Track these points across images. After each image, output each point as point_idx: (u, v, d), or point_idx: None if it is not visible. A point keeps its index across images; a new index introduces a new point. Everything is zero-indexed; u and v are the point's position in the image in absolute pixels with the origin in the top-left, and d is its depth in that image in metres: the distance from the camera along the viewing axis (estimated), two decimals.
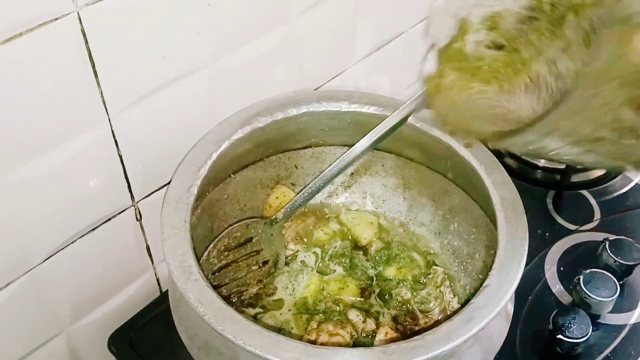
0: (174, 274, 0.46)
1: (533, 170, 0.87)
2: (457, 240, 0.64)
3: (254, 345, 0.42)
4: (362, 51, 0.82)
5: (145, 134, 0.61)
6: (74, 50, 0.51)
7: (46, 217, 0.57)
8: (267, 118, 0.59)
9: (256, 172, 0.66)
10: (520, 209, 0.51)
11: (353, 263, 0.64)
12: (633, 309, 0.70)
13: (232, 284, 0.59)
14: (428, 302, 0.60)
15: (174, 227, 0.50)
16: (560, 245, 0.76)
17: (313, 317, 0.58)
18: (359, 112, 0.61)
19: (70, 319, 0.66)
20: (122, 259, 0.68)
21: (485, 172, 0.54)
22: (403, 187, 0.68)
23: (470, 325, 0.43)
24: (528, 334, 0.68)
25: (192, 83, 0.62)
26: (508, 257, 0.48)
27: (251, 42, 0.65)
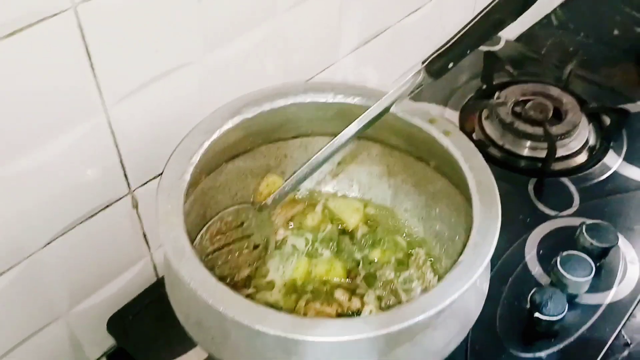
0: (169, 254, 0.49)
1: (515, 158, 0.90)
2: (440, 224, 0.67)
3: (244, 317, 0.45)
4: (349, 45, 0.85)
5: (140, 125, 0.64)
6: (72, 44, 0.53)
7: (45, 205, 0.60)
8: (255, 109, 0.62)
9: (247, 162, 0.68)
10: (495, 192, 0.54)
11: (340, 247, 0.67)
12: (609, 289, 0.73)
13: (225, 267, 0.62)
14: (410, 282, 0.63)
15: (168, 212, 0.52)
16: (540, 230, 0.79)
17: (301, 297, 0.61)
18: (344, 102, 0.64)
19: (69, 304, 0.69)
20: (120, 245, 0.71)
21: (463, 157, 0.57)
22: (388, 175, 0.71)
23: (444, 297, 0.46)
24: (508, 313, 0.71)
25: (184, 76, 0.65)
26: (481, 235, 0.51)
27: (240, 36, 0.68)
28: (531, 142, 0.89)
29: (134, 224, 0.70)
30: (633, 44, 1.22)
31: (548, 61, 1.07)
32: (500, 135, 0.91)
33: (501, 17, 0.58)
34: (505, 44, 1.10)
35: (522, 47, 1.11)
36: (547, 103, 0.92)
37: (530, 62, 1.07)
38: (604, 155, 0.90)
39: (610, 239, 0.73)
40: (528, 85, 0.96)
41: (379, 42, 0.90)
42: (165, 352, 0.68)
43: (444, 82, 1.00)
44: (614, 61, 1.17)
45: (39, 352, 0.68)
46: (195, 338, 0.52)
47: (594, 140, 0.92)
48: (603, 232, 0.74)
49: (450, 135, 0.59)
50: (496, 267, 0.75)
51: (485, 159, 0.87)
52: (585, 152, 0.90)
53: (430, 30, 0.98)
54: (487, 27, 0.58)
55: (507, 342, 0.68)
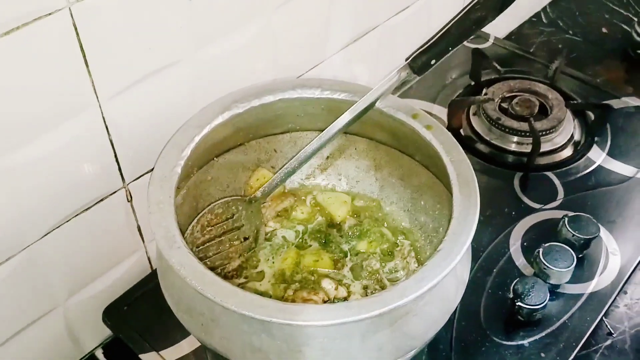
0: (160, 242, 0.51)
1: (502, 154, 0.92)
2: (424, 216, 0.69)
3: (231, 303, 0.47)
4: (338, 43, 0.87)
5: (134, 120, 0.66)
6: (66, 42, 0.56)
7: (41, 198, 0.62)
8: (245, 104, 0.64)
9: (238, 156, 0.70)
10: (473, 183, 0.56)
11: (328, 239, 0.69)
12: (591, 279, 0.76)
13: (216, 257, 0.64)
14: (396, 272, 0.65)
15: (160, 202, 0.54)
16: (524, 223, 0.82)
17: (290, 286, 0.64)
18: (331, 98, 0.66)
19: (66, 294, 0.71)
20: (115, 237, 0.73)
21: (444, 151, 0.59)
22: (375, 169, 0.73)
23: (422, 284, 0.48)
24: (492, 303, 0.73)
25: (177, 72, 0.67)
26: (460, 224, 0.53)
27: (230, 34, 0.70)
28: (517, 137, 0.91)
29: (129, 217, 0.73)
30: (621, 42, 1.24)
31: (536, 58, 1.09)
32: (488, 131, 0.93)
33: (482, 15, 0.60)
34: (494, 42, 1.12)
35: (511, 45, 1.13)
36: (533, 99, 0.94)
37: (518, 60, 1.09)
38: (589, 150, 0.92)
39: (592, 230, 0.76)
40: (515, 81, 0.98)
41: (369, 40, 0.92)
42: (160, 341, 0.70)
43: (433, 79, 1.04)
44: (601, 58, 1.20)
45: (37, 342, 0.70)
46: (186, 324, 0.55)
47: (579, 135, 0.94)
48: (584, 224, 0.76)
49: (432, 130, 0.61)
50: (481, 258, 0.78)
51: (473, 154, 0.91)
52: (571, 147, 0.92)
53: (420, 28, 1.00)
54: (469, 24, 0.60)
55: (490, 330, 0.70)
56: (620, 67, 1.18)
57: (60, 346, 0.73)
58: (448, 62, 1.06)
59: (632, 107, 0.99)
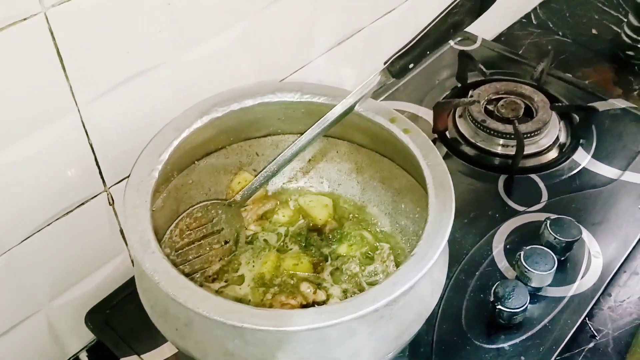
0: (134, 247, 0.51)
1: (488, 156, 0.92)
2: (405, 219, 0.69)
3: (203, 308, 0.47)
4: (323, 45, 0.87)
5: (114, 124, 0.66)
6: (43, 47, 0.56)
7: (21, 201, 0.62)
8: (224, 108, 0.64)
9: (219, 159, 0.71)
10: (449, 187, 0.56)
11: (308, 242, 0.69)
12: (572, 282, 0.75)
13: (196, 261, 0.65)
14: (375, 276, 0.65)
15: (136, 206, 0.55)
16: (508, 225, 0.82)
17: (269, 290, 0.64)
18: (311, 102, 0.66)
19: (49, 297, 0.71)
20: (97, 241, 0.73)
21: (421, 154, 0.60)
22: (356, 172, 0.73)
23: (395, 288, 0.48)
24: (473, 305, 0.73)
25: (157, 76, 0.67)
26: (435, 228, 0.53)
27: (211, 38, 0.70)
28: (503, 139, 0.91)
29: (111, 220, 0.73)
30: (610, 43, 1.24)
31: (524, 60, 1.09)
32: (473, 133, 0.93)
33: (460, 19, 0.60)
34: (482, 44, 1.12)
35: (499, 47, 1.13)
36: (519, 101, 0.94)
37: (505, 61, 1.09)
38: (574, 152, 0.92)
39: (573, 233, 0.76)
40: (501, 83, 0.98)
41: (354, 42, 0.92)
42: (142, 344, 0.70)
43: (420, 80, 1.04)
44: (591, 60, 1.20)
45: (19, 345, 0.70)
46: (161, 329, 0.55)
47: (564, 137, 0.94)
48: (566, 226, 0.76)
49: (410, 133, 0.61)
50: (464, 260, 0.78)
51: (459, 156, 0.91)
52: (556, 149, 0.92)
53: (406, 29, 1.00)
54: (446, 28, 0.61)
55: (471, 333, 0.70)
56: (609, 68, 1.18)
57: (43, 349, 0.73)
58: (435, 64, 1.06)
59: (618, 109, 0.99)
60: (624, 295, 0.77)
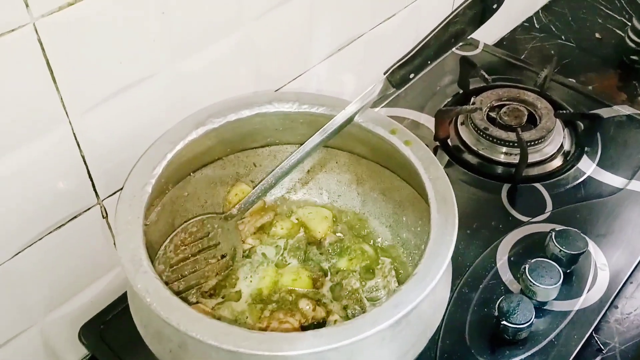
0: (125, 266, 0.50)
1: (491, 165, 0.90)
2: (406, 232, 0.68)
3: (196, 331, 0.46)
4: (322, 53, 0.85)
5: (107, 136, 0.64)
6: (32, 59, 0.54)
7: (12, 215, 0.60)
8: (220, 119, 0.62)
9: (216, 171, 0.69)
10: (452, 202, 0.54)
11: (307, 256, 0.67)
12: (579, 295, 0.74)
13: (191, 277, 0.63)
14: (376, 291, 0.64)
15: (128, 222, 0.53)
16: (512, 237, 0.80)
17: (266, 307, 0.62)
18: (309, 112, 0.64)
19: (42, 312, 0.69)
20: (91, 255, 0.71)
21: (423, 167, 0.58)
22: (356, 183, 0.71)
23: (397, 310, 0.46)
24: (477, 320, 0.71)
25: (151, 87, 0.65)
26: (437, 246, 0.51)
27: (207, 47, 0.68)
28: (506, 147, 0.89)
29: (105, 233, 0.71)
30: (614, 48, 1.22)
31: (526, 66, 1.07)
32: (476, 141, 0.91)
33: (461, 28, 0.59)
34: (483, 49, 1.10)
35: (501, 52, 1.11)
36: (522, 108, 0.92)
37: (508, 67, 1.08)
38: (578, 160, 0.90)
39: (579, 245, 0.74)
40: (504, 90, 0.96)
41: (353, 49, 0.90)
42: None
43: (421, 87, 1.02)
44: (595, 65, 1.18)
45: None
46: (154, 350, 0.53)
47: (568, 145, 0.92)
48: (572, 238, 0.74)
49: (411, 145, 0.59)
50: (467, 273, 0.76)
51: (461, 165, 0.89)
52: (560, 157, 0.91)
53: (408, 35, 0.98)
54: (448, 37, 0.59)
55: (475, 349, 0.69)
56: (613, 74, 1.16)
57: None
58: (437, 70, 1.04)
59: (624, 116, 0.97)
60: (630, 307, 0.75)
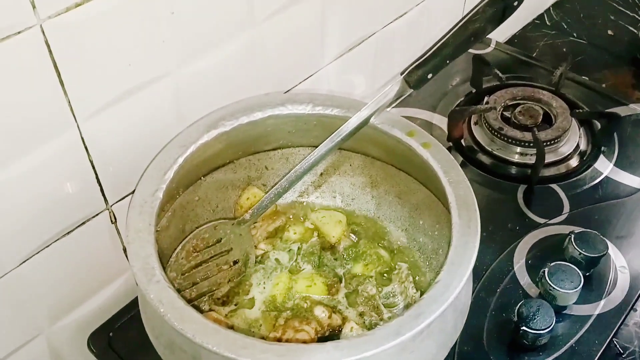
0: (137, 275, 0.48)
1: (505, 165, 0.88)
2: (423, 236, 0.66)
3: (212, 344, 0.44)
4: (332, 53, 0.83)
5: (115, 139, 0.63)
6: (39, 61, 0.52)
7: (19, 222, 0.59)
8: (232, 122, 0.61)
9: (227, 174, 0.67)
10: (474, 207, 0.53)
11: (321, 261, 0.66)
12: (599, 300, 0.72)
13: (203, 284, 0.61)
14: (393, 297, 0.62)
15: (139, 230, 0.51)
16: (529, 239, 0.78)
17: (281, 314, 0.60)
18: (323, 114, 0.63)
19: (50, 320, 0.68)
20: (100, 261, 0.70)
21: (442, 170, 0.56)
22: (371, 186, 0.70)
23: (419, 320, 0.45)
24: (495, 326, 0.69)
25: (160, 89, 0.63)
26: (459, 253, 0.49)
27: (217, 47, 0.66)
28: (521, 148, 0.87)
29: (114, 239, 0.69)
30: (627, 45, 1.20)
31: (539, 64, 1.05)
32: (490, 141, 0.89)
33: (481, 26, 0.57)
34: (495, 47, 1.08)
35: (513, 50, 1.09)
36: (537, 108, 0.91)
37: (521, 65, 1.06)
38: (595, 160, 0.88)
39: (599, 248, 0.72)
40: (518, 89, 0.94)
41: (364, 48, 0.88)
42: None
43: (433, 87, 1.00)
44: (608, 62, 1.16)
45: None
46: None
47: (585, 145, 0.90)
48: (592, 241, 0.72)
49: (430, 148, 0.58)
50: (484, 277, 0.74)
51: (475, 165, 0.88)
52: (576, 157, 0.89)
53: (419, 34, 0.97)
54: (467, 36, 0.57)
55: (494, 355, 0.67)
56: (627, 71, 1.14)
57: None
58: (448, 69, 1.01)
59: None
60: None
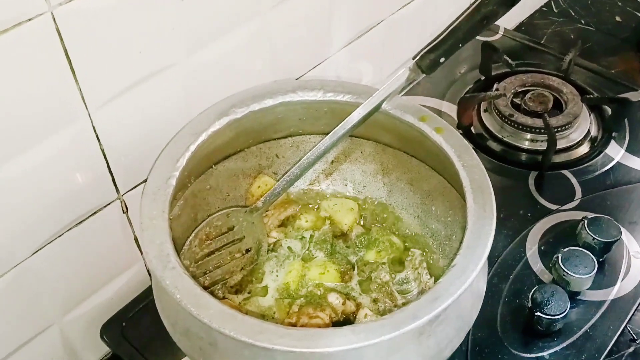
0: (152, 262, 0.48)
1: (516, 152, 0.88)
2: (435, 222, 0.66)
3: (229, 329, 0.44)
4: (341, 40, 0.83)
5: (127, 128, 0.63)
6: (50, 49, 0.52)
7: (31, 212, 0.58)
8: (243, 109, 0.60)
9: (237, 163, 0.67)
10: (489, 191, 0.52)
11: (334, 249, 0.65)
12: (612, 285, 0.72)
13: (217, 272, 0.61)
14: (407, 284, 0.62)
15: (152, 217, 0.51)
16: (541, 225, 0.78)
17: (294, 302, 0.60)
18: (334, 100, 0.62)
19: (62, 311, 0.68)
20: (111, 251, 0.69)
21: (456, 155, 0.56)
22: (382, 173, 0.69)
23: (436, 304, 0.44)
24: (509, 312, 0.69)
25: (170, 77, 0.63)
26: (475, 237, 0.49)
27: (226, 35, 0.66)
28: (531, 134, 0.87)
29: (125, 228, 0.69)
30: (635, 31, 1.19)
31: (548, 50, 1.05)
32: (500, 128, 0.89)
33: (493, 9, 0.56)
34: (504, 34, 1.08)
35: (522, 37, 1.08)
36: (547, 94, 0.90)
37: (529, 52, 1.05)
38: (606, 146, 0.87)
39: (613, 233, 0.71)
40: (527, 75, 0.94)
41: (373, 35, 0.88)
42: (160, 358, 0.67)
43: (441, 74, 0.99)
44: (616, 49, 1.15)
45: None
46: (183, 348, 0.51)
47: (595, 131, 0.90)
48: (605, 226, 0.72)
49: (443, 133, 0.57)
50: (497, 263, 0.74)
51: (485, 153, 0.87)
52: (587, 144, 0.88)
53: (426, 21, 0.96)
54: (479, 19, 0.57)
55: (508, 341, 0.67)
56: (635, 56, 1.13)
57: None
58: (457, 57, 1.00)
59: None
60: None
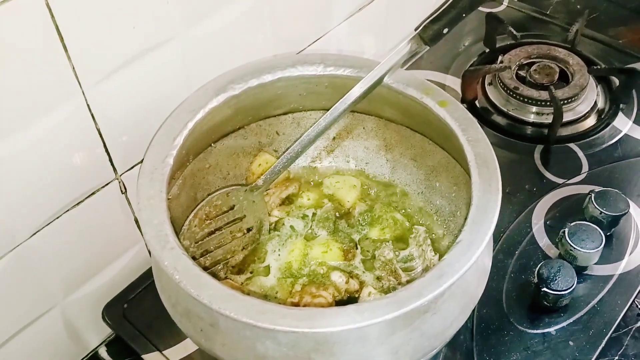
0: (150, 243, 0.47)
1: (521, 126, 0.86)
2: (440, 198, 0.64)
3: (230, 309, 0.43)
4: (342, 13, 0.81)
5: (123, 106, 0.61)
6: (40, 25, 0.51)
7: (28, 193, 0.57)
8: (242, 85, 0.59)
9: (237, 140, 0.66)
10: (494, 165, 0.51)
11: (337, 227, 0.64)
12: (620, 259, 0.70)
13: (218, 252, 0.60)
14: (411, 261, 0.60)
15: (150, 197, 0.50)
16: (547, 200, 0.76)
17: (297, 281, 0.59)
18: (335, 74, 0.61)
19: (64, 292, 0.67)
20: (111, 231, 0.69)
21: (460, 129, 0.54)
22: (385, 149, 0.68)
23: (442, 281, 0.43)
24: (515, 288, 0.68)
25: (166, 53, 0.62)
26: (480, 212, 0.48)
27: (223, 8, 0.64)
28: (537, 107, 0.85)
29: (125, 209, 0.68)
30: None
31: (554, 21, 1.02)
32: (505, 102, 0.87)
33: None
34: (508, 4, 1.05)
35: (527, 7, 1.06)
36: (553, 65, 0.88)
37: (535, 23, 1.03)
38: (614, 118, 0.86)
39: (621, 206, 0.70)
40: (533, 47, 0.92)
41: (375, 7, 0.86)
42: (163, 339, 0.67)
43: (445, 47, 0.97)
44: (624, 19, 1.12)
45: (36, 343, 0.67)
46: (184, 329, 0.51)
47: (602, 102, 0.88)
48: (613, 199, 0.71)
49: (447, 106, 0.56)
50: (502, 239, 0.73)
51: (490, 127, 0.86)
52: (594, 116, 0.86)
53: None
54: None
55: (514, 317, 0.66)
56: None
57: (60, 346, 0.70)
58: (460, 29, 0.99)
59: None
60: None
